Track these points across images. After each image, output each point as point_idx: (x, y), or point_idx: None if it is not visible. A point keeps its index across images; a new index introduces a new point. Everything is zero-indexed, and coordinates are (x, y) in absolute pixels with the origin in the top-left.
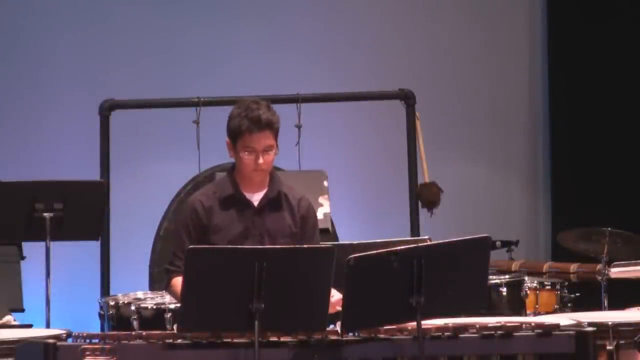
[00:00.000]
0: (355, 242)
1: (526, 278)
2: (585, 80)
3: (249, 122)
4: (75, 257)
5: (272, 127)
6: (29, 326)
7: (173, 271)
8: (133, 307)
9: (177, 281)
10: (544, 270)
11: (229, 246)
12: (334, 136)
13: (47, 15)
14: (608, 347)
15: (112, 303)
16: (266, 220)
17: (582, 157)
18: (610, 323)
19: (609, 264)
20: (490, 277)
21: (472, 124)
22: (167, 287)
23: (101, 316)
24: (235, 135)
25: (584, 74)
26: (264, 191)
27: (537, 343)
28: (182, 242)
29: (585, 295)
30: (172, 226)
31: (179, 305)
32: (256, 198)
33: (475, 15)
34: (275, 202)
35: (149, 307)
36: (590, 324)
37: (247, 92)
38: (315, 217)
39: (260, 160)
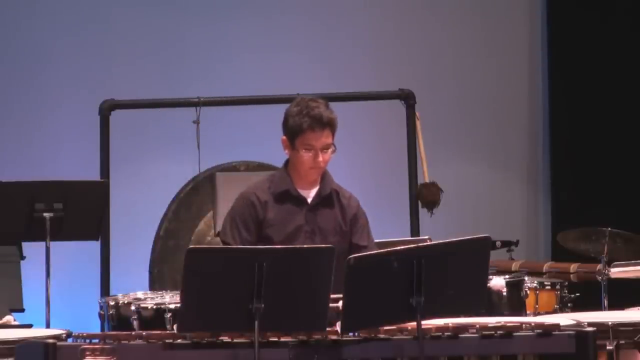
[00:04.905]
0: None
1: (526, 278)
2: (585, 80)
3: (311, 120)
4: (75, 257)
5: (332, 125)
6: (29, 326)
7: None
8: (133, 307)
9: None
10: (544, 270)
11: (229, 246)
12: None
13: (47, 15)
14: (608, 347)
15: (112, 303)
16: (318, 217)
17: (582, 157)
18: (610, 323)
19: (609, 264)
20: (490, 277)
21: (472, 124)
22: None
23: (101, 316)
24: (295, 132)
25: (583, 74)
26: (317, 188)
27: (537, 343)
28: (239, 234)
29: (585, 295)
30: (227, 217)
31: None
32: (309, 195)
33: (475, 15)
34: (327, 199)
35: (149, 307)
36: (590, 324)
37: (247, 92)
38: (365, 215)
39: (320, 159)
